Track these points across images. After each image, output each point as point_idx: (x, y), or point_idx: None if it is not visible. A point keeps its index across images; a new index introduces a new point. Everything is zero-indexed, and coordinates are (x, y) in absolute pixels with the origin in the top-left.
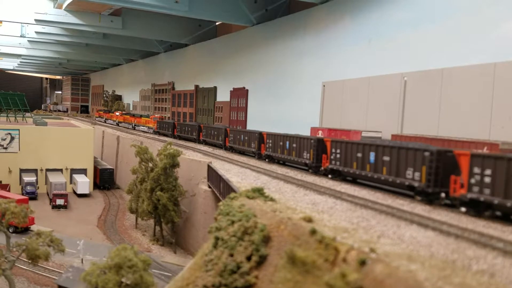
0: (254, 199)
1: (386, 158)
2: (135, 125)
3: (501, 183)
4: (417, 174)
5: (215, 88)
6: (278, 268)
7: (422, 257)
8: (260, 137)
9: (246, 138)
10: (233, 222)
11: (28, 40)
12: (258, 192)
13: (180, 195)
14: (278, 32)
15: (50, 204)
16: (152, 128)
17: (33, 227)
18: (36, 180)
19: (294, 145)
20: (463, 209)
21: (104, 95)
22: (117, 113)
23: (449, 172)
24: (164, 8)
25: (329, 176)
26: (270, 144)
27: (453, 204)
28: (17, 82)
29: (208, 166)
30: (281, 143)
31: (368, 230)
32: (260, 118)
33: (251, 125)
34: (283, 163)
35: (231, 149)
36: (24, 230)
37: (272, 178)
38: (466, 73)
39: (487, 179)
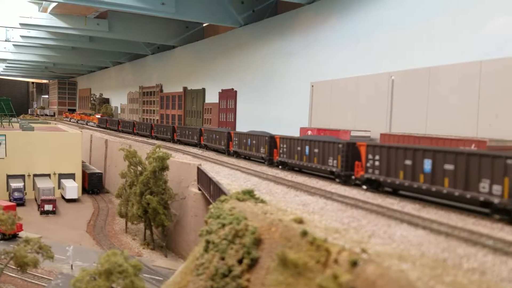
0: (244, 201)
1: (316, 150)
2: (87, 121)
3: (384, 165)
4: (335, 162)
5: (203, 89)
6: (270, 271)
7: (413, 256)
8: (229, 135)
9: (218, 136)
10: (224, 225)
11: (13, 44)
12: (249, 194)
13: (170, 198)
14: (266, 32)
15: (38, 210)
16: (95, 123)
17: (21, 234)
18: (24, 186)
19: (254, 142)
20: (364, 186)
21: (92, 99)
22: (78, 113)
23: (355, 159)
24: (150, 10)
25: (279, 167)
26: (237, 142)
27: (360, 184)
28: (3, 87)
29: (198, 168)
30: (244, 141)
31: (359, 230)
32: (250, 119)
33: (241, 126)
34: (248, 158)
35: (206, 147)
36: (12, 237)
37: (263, 179)
38: (453, 71)
39: (377, 163)
